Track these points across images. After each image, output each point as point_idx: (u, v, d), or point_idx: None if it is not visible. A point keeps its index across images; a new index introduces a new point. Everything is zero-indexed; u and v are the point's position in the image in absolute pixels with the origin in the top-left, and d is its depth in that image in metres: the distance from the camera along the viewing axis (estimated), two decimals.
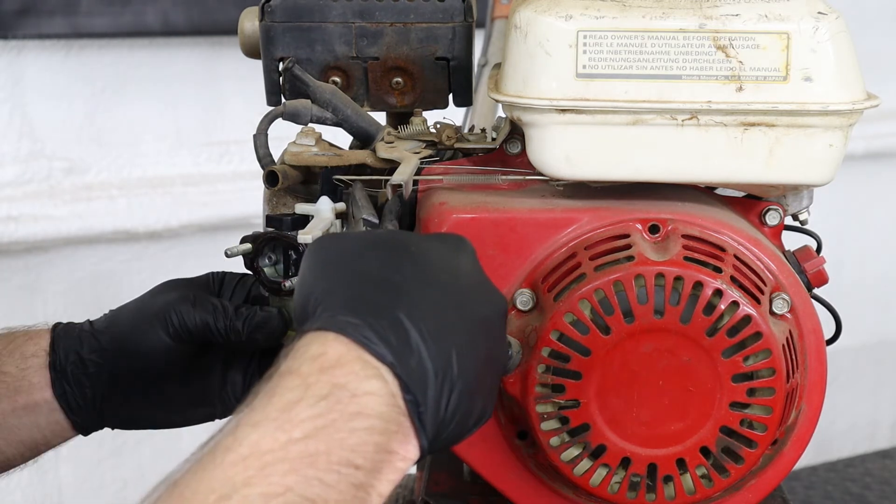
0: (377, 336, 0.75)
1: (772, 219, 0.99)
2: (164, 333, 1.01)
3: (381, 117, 1.08)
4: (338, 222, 0.95)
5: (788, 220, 1.01)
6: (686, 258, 0.89)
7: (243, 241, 0.98)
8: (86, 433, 1.06)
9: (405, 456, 0.75)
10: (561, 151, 0.91)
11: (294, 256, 0.98)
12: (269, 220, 0.99)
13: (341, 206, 0.96)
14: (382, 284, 0.78)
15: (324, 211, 0.95)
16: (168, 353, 1.02)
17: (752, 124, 0.90)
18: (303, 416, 0.72)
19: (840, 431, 2.92)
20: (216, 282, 1.07)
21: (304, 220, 0.96)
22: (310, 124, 1.01)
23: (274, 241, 0.98)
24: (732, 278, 0.89)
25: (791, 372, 0.90)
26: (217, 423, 0.98)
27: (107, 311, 1.07)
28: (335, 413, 0.72)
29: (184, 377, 1.04)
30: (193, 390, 1.05)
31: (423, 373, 0.75)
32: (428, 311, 0.77)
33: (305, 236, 0.91)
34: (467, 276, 0.82)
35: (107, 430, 1.07)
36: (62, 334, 1.05)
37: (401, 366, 0.75)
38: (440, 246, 0.83)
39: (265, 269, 0.98)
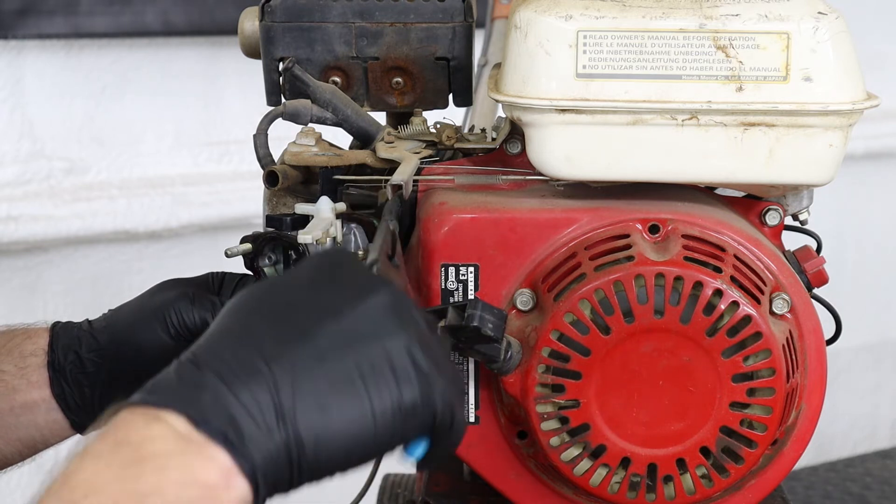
0: (158, 388, 0.73)
1: (772, 219, 0.99)
2: (163, 332, 1.01)
3: (381, 117, 1.08)
4: (338, 222, 0.95)
5: (788, 220, 1.01)
6: (686, 258, 0.89)
7: (243, 241, 0.98)
8: (84, 432, 1.06)
9: (230, 484, 0.72)
10: (561, 151, 0.91)
11: (294, 257, 0.98)
12: (269, 220, 0.99)
13: (341, 206, 0.96)
14: (199, 343, 0.77)
15: (324, 211, 0.94)
16: (167, 352, 1.01)
17: (752, 124, 0.90)
18: (80, 480, 0.70)
19: (840, 431, 2.92)
20: (216, 282, 1.07)
21: (304, 220, 0.96)
22: (310, 124, 1.01)
23: (274, 241, 0.97)
24: (732, 278, 0.89)
25: (791, 372, 0.90)
26: None
27: (106, 311, 1.07)
28: (115, 467, 0.70)
29: None
30: None
31: (219, 400, 0.73)
32: (229, 343, 0.75)
33: (305, 236, 0.91)
34: (321, 284, 0.79)
35: None
36: (61, 333, 1.05)
37: (183, 403, 0.72)
38: (298, 273, 0.81)
39: (265, 270, 0.98)
